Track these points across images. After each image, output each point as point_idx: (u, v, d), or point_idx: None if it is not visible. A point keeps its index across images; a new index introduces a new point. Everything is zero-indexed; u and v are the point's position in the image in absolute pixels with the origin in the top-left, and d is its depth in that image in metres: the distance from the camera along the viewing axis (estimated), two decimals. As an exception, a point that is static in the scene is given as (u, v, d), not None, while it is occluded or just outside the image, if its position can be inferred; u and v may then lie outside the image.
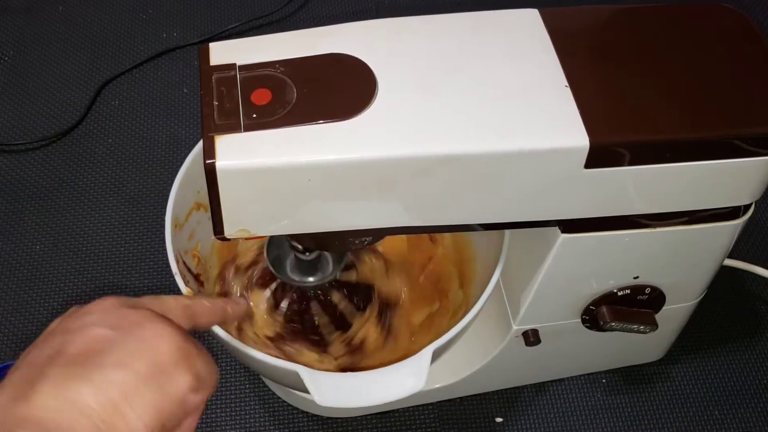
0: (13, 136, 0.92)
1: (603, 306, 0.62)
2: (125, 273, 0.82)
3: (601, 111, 0.49)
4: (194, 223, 0.64)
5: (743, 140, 0.50)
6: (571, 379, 0.76)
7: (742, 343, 0.79)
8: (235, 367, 0.76)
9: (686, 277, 0.63)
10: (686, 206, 0.54)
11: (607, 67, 0.52)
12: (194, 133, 0.93)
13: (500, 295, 0.67)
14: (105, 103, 0.96)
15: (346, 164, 0.47)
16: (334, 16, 1.05)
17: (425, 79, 0.50)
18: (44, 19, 1.04)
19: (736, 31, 0.55)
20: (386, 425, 0.73)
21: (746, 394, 0.75)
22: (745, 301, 0.81)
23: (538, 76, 0.50)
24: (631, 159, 0.49)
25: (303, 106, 0.48)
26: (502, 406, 0.74)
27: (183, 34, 1.02)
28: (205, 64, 0.50)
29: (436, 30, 0.53)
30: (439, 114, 0.48)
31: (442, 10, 0.54)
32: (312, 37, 0.52)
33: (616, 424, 0.74)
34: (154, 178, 0.89)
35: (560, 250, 0.56)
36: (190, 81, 0.98)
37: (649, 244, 0.57)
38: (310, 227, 0.51)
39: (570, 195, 0.51)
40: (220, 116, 0.47)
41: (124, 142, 0.92)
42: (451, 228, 0.53)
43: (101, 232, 0.85)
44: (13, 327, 0.78)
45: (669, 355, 0.77)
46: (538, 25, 0.53)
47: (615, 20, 0.56)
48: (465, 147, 0.47)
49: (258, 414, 0.73)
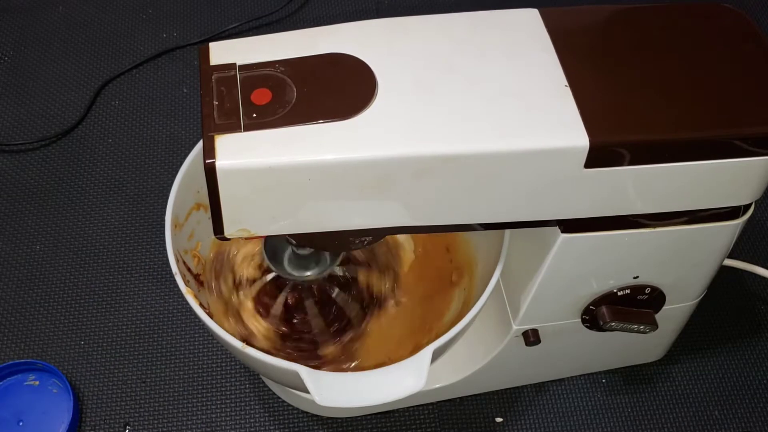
0: (13, 136, 0.92)
1: (603, 306, 0.62)
2: (125, 273, 0.82)
3: (601, 111, 0.49)
4: (194, 223, 0.64)
5: (743, 140, 0.50)
6: (571, 379, 0.76)
7: (742, 343, 0.79)
8: (235, 367, 0.76)
9: (686, 277, 0.63)
10: (686, 206, 0.54)
11: (607, 66, 0.52)
12: (194, 133, 0.93)
13: (500, 295, 0.67)
14: (105, 103, 0.96)
15: (346, 164, 0.47)
16: (334, 16, 1.05)
17: (425, 78, 0.50)
18: (44, 19, 1.04)
19: (736, 31, 0.55)
20: (386, 425, 0.73)
21: (746, 394, 0.75)
22: (745, 301, 0.81)
23: (538, 75, 0.50)
24: (631, 159, 0.49)
25: (303, 105, 0.48)
26: (502, 406, 0.74)
27: (183, 34, 1.02)
28: (205, 64, 0.50)
29: (436, 30, 0.53)
30: (439, 114, 0.48)
31: (442, 10, 0.54)
32: (312, 37, 0.52)
33: (616, 424, 0.74)
34: (154, 178, 0.89)
35: (560, 250, 0.56)
36: (190, 81, 0.98)
37: (649, 244, 0.57)
38: (309, 227, 0.51)
39: (570, 195, 0.51)
40: (220, 116, 0.47)
41: (124, 142, 0.92)
42: (451, 228, 0.53)
43: (101, 232, 0.85)
44: (13, 327, 0.78)
45: (669, 355, 0.77)
46: (538, 25, 0.53)
47: (615, 20, 0.56)
48: (465, 147, 0.47)
49: (258, 414, 0.73)
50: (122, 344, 0.77)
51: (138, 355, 0.76)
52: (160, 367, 0.76)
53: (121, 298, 0.80)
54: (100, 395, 0.74)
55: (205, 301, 0.64)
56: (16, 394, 0.73)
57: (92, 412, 0.73)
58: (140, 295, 0.80)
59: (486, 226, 0.53)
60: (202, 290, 0.64)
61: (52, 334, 0.78)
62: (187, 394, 0.74)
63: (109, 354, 0.76)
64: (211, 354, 0.77)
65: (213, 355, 0.77)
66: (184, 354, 0.77)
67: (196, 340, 0.77)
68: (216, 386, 0.75)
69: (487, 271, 0.61)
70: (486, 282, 0.58)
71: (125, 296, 0.80)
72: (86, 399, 0.74)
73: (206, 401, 0.74)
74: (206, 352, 0.77)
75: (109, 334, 0.78)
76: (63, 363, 0.76)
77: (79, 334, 0.78)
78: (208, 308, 0.63)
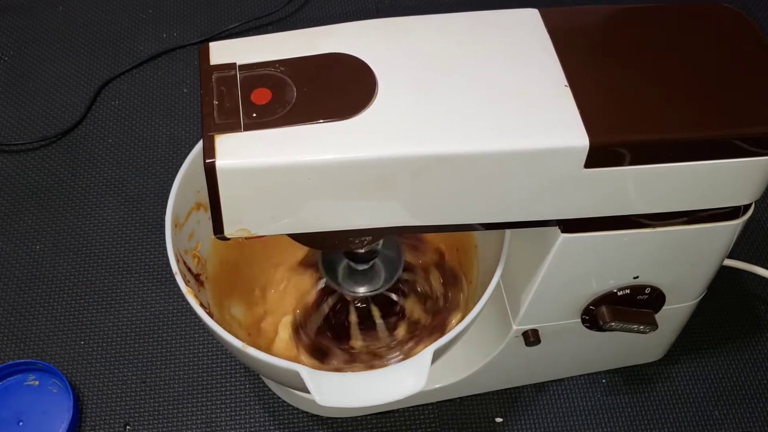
0: (13, 136, 0.92)
1: (603, 306, 0.62)
2: (125, 273, 0.82)
3: (601, 111, 0.49)
4: (194, 223, 0.64)
5: (743, 140, 0.50)
6: (571, 379, 0.76)
7: (742, 343, 0.79)
8: (235, 367, 0.76)
9: (686, 277, 0.63)
10: (686, 206, 0.54)
11: (607, 66, 0.52)
12: (194, 133, 0.93)
13: (500, 295, 0.67)
14: (105, 103, 0.96)
15: (346, 164, 0.47)
16: (334, 16, 1.05)
17: (425, 78, 0.50)
18: (44, 19, 1.04)
19: (736, 31, 0.55)
20: (386, 425, 0.73)
21: (746, 394, 0.75)
22: (745, 301, 0.81)
23: (538, 75, 0.51)
24: (631, 159, 0.49)
25: (303, 105, 0.48)
26: (502, 406, 0.74)
27: (183, 34, 1.02)
28: (205, 64, 0.50)
29: (436, 30, 0.53)
30: (439, 114, 0.48)
31: (442, 10, 0.54)
32: (312, 36, 0.52)
33: (616, 424, 0.74)
34: (154, 178, 0.89)
35: (560, 250, 0.56)
36: (190, 81, 0.98)
37: (649, 244, 0.57)
38: (309, 227, 0.51)
39: (570, 195, 0.51)
40: (220, 116, 0.47)
41: (124, 142, 0.92)
42: (451, 228, 0.53)
43: (101, 232, 0.85)
44: (13, 327, 0.78)
45: (669, 355, 0.77)
46: (538, 25, 0.53)
47: (615, 20, 0.56)
48: (465, 147, 0.47)
49: (258, 414, 0.73)
50: (122, 344, 0.77)
51: (138, 355, 0.76)
52: (160, 367, 0.76)
53: (121, 298, 0.80)
54: (100, 395, 0.74)
55: (206, 301, 0.64)
56: (16, 394, 0.73)
57: (92, 412, 0.73)
58: (140, 295, 0.80)
59: (486, 226, 0.53)
60: (202, 290, 0.64)
61: (52, 334, 0.78)
62: (187, 394, 0.74)
63: (109, 354, 0.76)
64: (211, 354, 0.77)
65: (213, 355, 0.77)
66: (184, 354, 0.77)
67: (196, 340, 0.77)
68: (216, 386, 0.75)
69: (487, 271, 0.61)
70: (486, 282, 0.58)
71: (125, 296, 0.80)
72: (86, 399, 0.74)
73: (206, 401, 0.74)
74: (206, 352, 0.77)
75: (109, 334, 0.78)
76: (63, 363, 0.76)
77: (79, 334, 0.78)
78: (208, 308, 0.63)
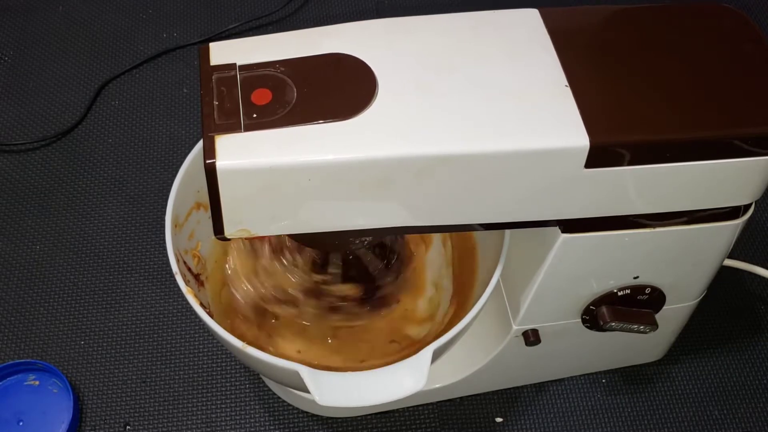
0: (13, 136, 0.92)
1: (603, 306, 0.62)
2: (125, 273, 0.82)
3: (602, 111, 0.49)
4: (194, 223, 0.64)
5: (743, 140, 0.50)
6: (571, 379, 0.76)
7: (742, 343, 0.79)
8: (235, 367, 0.76)
9: (686, 277, 0.63)
10: (686, 206, 0.54)
11: (608, 67, 0.52)
12: (194, 133, 0.93)
13: (500, 295, 0.67)
14: (105, 103, 0.96)
15: (347, 164, 0.47)
16: (334, 16, 1.05)
17: (425, 79, 0.50)
18: (44, 19, 1.04)
19: (736, 31, 0.55)
20: (386, 425, 0.73)
21: (746, 394, 0.75)
22: (745, 301, 0.81)
23: (538, 76, 0.51)
24: (631, 159, 0.49)
25: (303, 106, 0.48)
26: (502, 406, 0.74)
27: (183, 34, 1.02)
28: (205, 64, 0.50)
29: (436, 30, 0.53)
30: (440, 114, 0.48)
31: (442, 10, 0.54)
32: (312, 37, 0.52)
33: (616, 424, 0.74)
34: (154, 178, 0.89)
35: (560, 250, 0.56)
36: (190, 81, 0.98)
37: (649, 244, 0.57)
38: (310, 227, 0.51)
39: (570, 195, 0.51)
40: (220, 116, 0.48)
41: (124, 142, 0.92)
42: (451, 228, 0.53)
43: (101, 232, 0.85)
44: (13, 327, 0.78)
45: (669, 355, 0.77)
46: (538, 25, 0.53)
47: (615, 20, 0.56)
48: (465, 147, 0.47)
49: (258, 414, 0.73)
50: (122, 344, 0.77)
51: (138, 355, 0.76)
52: (160, 367, 0.76)
53: (121, 298, 0.80)
54: (100, 395, 0.74)
55: (206, 301, 0.64)
56: (16, 394, 0.73)
57: (92, 412, 0.73)
58: (140, 295, 0.80)
59: (486, 226, 0.53)
60: (202, 290, 0.64)
61: (52, 334, 0.78)
62: (187, 394, 0.74)
63: (109, 354, 0.76)
64: (211, 354, 0.77)
65: (213, 355, 0.77)
66: (184, 354, 0.77)
67: (196, 340, 0.77)
68: (216, 386, 0.75)
69: (487, 271, 0.61)
70: (486, 282, 0.58)
71: (125, 296, 0.80)
72: (86, 399, 0.74)
73: (206, 401, 0.74)
74: (206, 352, 0.77)
75: (109, 334, 0.78)
76: (63, 363, 0.76)
77: (79, 334, 0.78)
78: (208, 308, 0.63)
